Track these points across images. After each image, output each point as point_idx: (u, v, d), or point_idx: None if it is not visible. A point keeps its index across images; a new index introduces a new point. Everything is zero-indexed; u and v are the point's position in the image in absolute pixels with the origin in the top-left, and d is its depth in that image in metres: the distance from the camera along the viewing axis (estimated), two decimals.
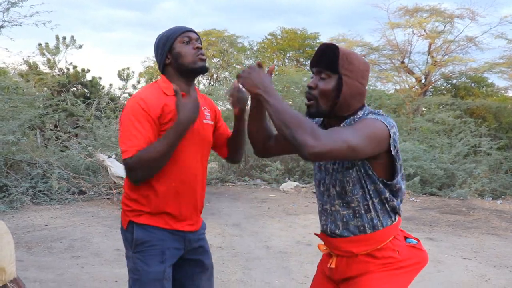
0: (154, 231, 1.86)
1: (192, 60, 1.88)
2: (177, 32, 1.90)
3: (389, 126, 1.58)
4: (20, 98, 9.01)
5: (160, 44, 1.92)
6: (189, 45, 1.90)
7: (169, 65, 1.91)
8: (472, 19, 15.43)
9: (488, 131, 11.66)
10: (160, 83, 1.92)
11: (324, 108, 1.68)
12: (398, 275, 1.68)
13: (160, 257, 1.86)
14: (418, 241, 1.77)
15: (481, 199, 9.18)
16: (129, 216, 1.89)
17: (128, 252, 1.90)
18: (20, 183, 7.36)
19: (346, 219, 1.69)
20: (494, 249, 5.37)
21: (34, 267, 4.28)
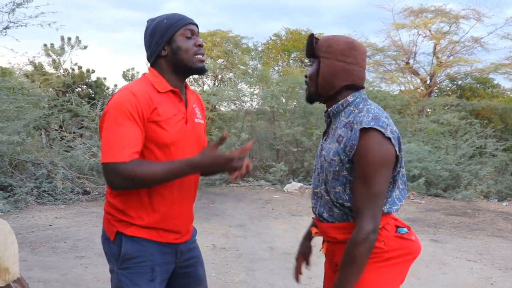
0: (145, 244, 1.68)
1: (192, 59, 1.71)
2: (180, 23, 1.70)
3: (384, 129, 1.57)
4: (25, 98, 9.04)
5: (156, 31, 1.70)
6: (190, 40, 1.72)
7: (163, 57, 1.72)
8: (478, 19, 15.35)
9: (494, 132, 11.59)
10: (151, 77, 1.71)
11: (312, 91, 1.77)
12: (386, 267, 1.65)
13: (150, 275, 1.69)
14: (409, 229, 1.72)
15: (486, 201, 9.13)
16: (116, 226, 1.69)
17: (112, 266, 1.72)
18: (25, 183, 7.38)
19: (330, 205, 1.72)
20: (500, 252, 5.34)
21: (38, 267, 4.29)
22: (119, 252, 1.67)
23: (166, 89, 1.70)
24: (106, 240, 1.75)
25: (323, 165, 1.73)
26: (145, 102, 1.61)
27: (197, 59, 1.72)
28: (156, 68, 1.74)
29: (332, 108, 1.74)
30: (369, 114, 1.61)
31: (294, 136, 10.95)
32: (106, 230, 1.74)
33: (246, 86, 12.95)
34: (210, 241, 5.38)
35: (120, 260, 1.67)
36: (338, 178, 1.65)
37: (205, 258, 4.87)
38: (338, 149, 1.63)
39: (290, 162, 11.30)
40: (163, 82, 1.71)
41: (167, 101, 1.69)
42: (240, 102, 12.50)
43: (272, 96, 11.59)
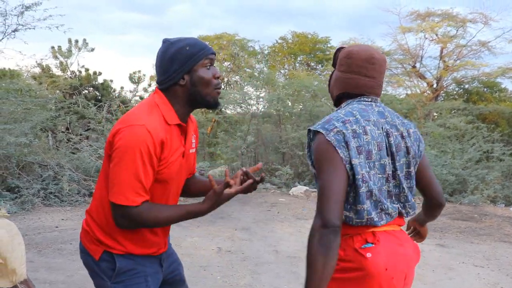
0: (135, 257, 1.68)
1: (210, 92, 1.65)
2: (203, 53, 1.62)
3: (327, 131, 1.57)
4: (32, 100, 9.09)
5: (178, 58, 1.61)
6: (210, 71, 1.64)
7: (180, 86, 1.63)
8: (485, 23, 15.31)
9: (501, 136, 11.53)
10: (161, 106, 1.63)
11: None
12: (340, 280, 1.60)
13: (145, 285, 1.69)
14: (374, 243, 1.59)
15: (493, 206, 9.07)
16: (101, 246, 1.67)
17: (102, 282, 1.68)
18: (32, 184, 7.42)
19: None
20: (507, 257, 5.30)
21: (44, 268, 4.30)
22: (112, 267, 1.66)
23: (174, 123, 1.64)
24: (88, 257, 1.72)
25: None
26: (159, 141, 1.56)
27: (215, 93, 1.67)
28: (168, 95, 1.65)
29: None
30: (326, 117, 1.64)
31: (300, 140, 10.95)
32: (88, 248, 1.71)
33: (252, 89, 12.98)
34: (216, 244, 5.38)
35: (115, 275, 1.66)
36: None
37: (210, 261, 4.89)
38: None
39: (296, 165, 11.30)
40: (172, 113, 1.64)
41: (172, 136, 1.64)
42: (246, 105, 12.52)
43: (278, 99, 11.60)
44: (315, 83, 12.50)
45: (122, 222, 1.58)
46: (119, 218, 1.57)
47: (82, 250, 1.76)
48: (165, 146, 1.59)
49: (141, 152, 1.51)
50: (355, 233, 1.62)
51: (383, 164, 1.63)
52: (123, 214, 1.55)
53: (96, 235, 1.67)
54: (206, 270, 4.39)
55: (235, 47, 18.45)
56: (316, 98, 12.18)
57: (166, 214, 1.60)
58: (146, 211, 1.56)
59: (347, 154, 1.55)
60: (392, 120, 1.70)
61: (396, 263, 1.59)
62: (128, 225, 1.60)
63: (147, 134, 1.52)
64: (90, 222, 1.71)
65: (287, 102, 12.09)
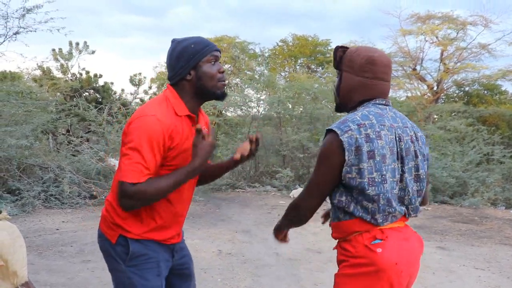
0: (148, 243, 1.79)
1: (216, 85, 1.78)
2: (207, 50, 1.76)
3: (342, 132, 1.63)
4: (33, 102, 9.12)
5: (184, 55, 1.75)
6: (214, 66, 1.78)
7: (187, 81, 1.77)
8: (485, 26, 15.31)
9: (501, 139, 11.54)
10: (172, 99, 1.77)
11: (337, 102, 1.87)
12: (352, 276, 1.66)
13: (157, 270, 1.80)
14: (383, 240, 1.65)
15: (494, 208, 9.07)
16: (117, 231, 1.79)
17: (117, 265, 1.80)
18: (32, 187, 7.43)
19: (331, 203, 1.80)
20: (508, 260, 5.29)
21: (45, 270, 4.31)
22: (126, 251, 1.76)
23: (184, 113, 1.77)
24: (106, 241, 1.83)
25: None
26: (168, 130, 1.69)
27: (220, 85, 1.80)
28: (178, 89, 1.80)
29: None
30: (342, 118, 1.71)
31: (301, 142, 10.96)
32: (106, 233, 1.83)
33: (253, 92, 12.99)
34: (216, 246, 5.38)
35: (128, 258, 1.76)
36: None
37: (211, 264, 4.90)
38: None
39: (296, 168, 11.30)
40: (182, 105, 1.78)
41: (182, 125, 1.76)
42: (247, 108, 12.53)
43: (278, 102, 11.61)
44: (315, 86, 12.52)
45: (126, 202, 1.64)
46: (122, 198, 1.64)
47: (99, 235, 1.87)
48: (175, 135, 1.71)
49: (150, 138, 1.64)
50: (364, 230, 1.68)
51: (394, 168, 1.68)
52: (126, 192, 1.62)
53: (114, 220, 1.79)
54: (206, 272, 4.39)
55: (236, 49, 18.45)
56: (317, 100, 12.18)
57: (164, 182, 1.67)
58: (145, 186, 1.64)
59: (353, 158, 1.62)
60: (404, 125, 1.77)
61: (404, 257, 1.66)
62: (133, 204, 1.66)
63: (157, 122, 1.66)
64: (108, 208, 1.83)
65: (287, 104, 12.09)
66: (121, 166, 1.66)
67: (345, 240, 1.73)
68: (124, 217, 1.77)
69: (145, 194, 1.63)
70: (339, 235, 1.77)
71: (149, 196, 1.65)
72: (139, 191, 1.62)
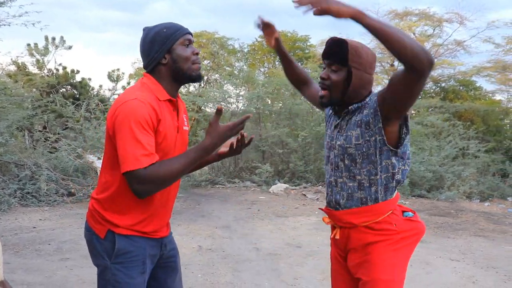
0: (136, 239, 1.78)
1: (190, 67, 1.79)
2: (179, 33, 1.77)
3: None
4: (8, 98, 8.94)
5: (157, 40, 1.76)
6: (188, 49, 1.79)
7: (163, 65, 1.78)
8: (461, 23, 15.57)
9: (476, 134, 11.77)
10: (150, 85, 1.77)
11: (336, 98, 1.88)
12: (401, 248, 1.84)
13: (142, 268, 1.79)
14: (414, 213, 1.91)
15: (469, 201, 9.27)
16: (105, 225, 1.78)
17: (102, 261, 1.78)
18: (8, 184, 7.29)
19: (351, 191, 1.87)
20: (482, 251, 5.43)
21: (22, 269, 4.24)
22: (113, 247, 1.75)
23: (165, 98, 1.78)
24: (94, 236, 1.81)
25: (344, 153, 1.87)
26: (153, 111, 1.68)
27: (195, 67, 1.81)
28: (155, 75, 1.80)
29: (353, 106, 1.87)
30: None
31: (280, 138, 11.00)
32: (94, 227, 1.81)
33: (232, 88, 12.97)
34: (196, 242, 5.38)
35: (114, 255, 1.76)
36: (368, 157, 1.81)
37: (191, 259, 4.89)
38: (361, 132, 1.81)
39: (276, 163, 11.34)
40: (162, 90, 1.78)
41: (165, 110, 1.76)
42: (226, 104, 12.50)
43: (257, 98, 11.62)
44: None
45: (141, 189, 1.63)
46: (137, 185, 1.62)
47: (87, 229, 1.86)
48: (160, 118, 1.71)
49: (137, 120, 1.62)
50: (393, 208, 1.87)
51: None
52: (138, 179, 1.61)
53: (102, 214, 1.78)
54: (187, 268, 4.38)
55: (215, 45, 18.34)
56: (296, 96, 12.21)
57: (176, 162, 1.68)
58: (157, 168, 1.63)
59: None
60: None
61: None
62: (148, 189, 1.65)
63: (140, 103, 1.65)
64: (95, 204, 1.83)
65: (266, 100, 12.12)
66: (122, 157, 1.63)
67: (375, 222, 1.84)
68: (112, 211, 1.77)
69: (158, 176, 1.63)
70: (368, 219, 1.85)
71: (162, 177, 1.64)
72: (151, 174, 1.61)
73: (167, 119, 1.76)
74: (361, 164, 1.83)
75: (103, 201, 1.79)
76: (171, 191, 1.88)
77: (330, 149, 1.96)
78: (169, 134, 1.76)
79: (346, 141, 1.85)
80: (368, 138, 1.80)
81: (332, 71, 1.85)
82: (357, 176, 1.85)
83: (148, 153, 1.62)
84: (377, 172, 1.82)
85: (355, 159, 1.84)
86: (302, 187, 10.15)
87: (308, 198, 9.09)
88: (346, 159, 1.86)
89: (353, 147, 1.83)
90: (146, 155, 1.62)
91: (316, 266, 4.59)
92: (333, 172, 1.94)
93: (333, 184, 1.94)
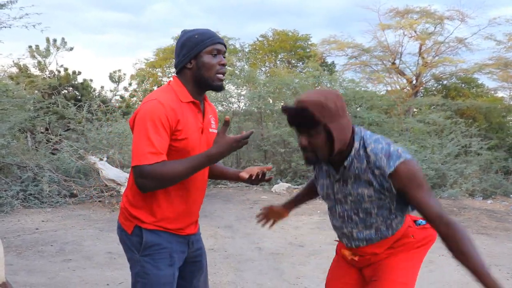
0: (162, 234, 1.85)
1: (212, 77, 1.84)
2: (209, 41, 1.83)
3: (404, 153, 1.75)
4: (10, 100, 8.95)
5: (186, 45, 1.83)
6: (215, 58, 1.84)
7: (188, 69, 1.85)
8: (462, 20, 15.55)
9: (478, 131, 11.73)
10: (175, 87, 1.85)
11: (324, 157, 1.76)
12: (415, 253, 1.95)
13: (169, 260, 1.85)
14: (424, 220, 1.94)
15: (471, 199, 9.25)
16: (133, 222, 1.86)
17: (132, 255, 1.87)
18: (10, 186, 7.30)
19: (369, 237, 1.89)
20: (484, 248, 5.41)
21: (25, 271, 4.25)
22: (141, 241, 1.83)
23: (188, 100, 1.84)
24: (123, 232, 1.90)
25: (358, 208, 1.84)
26: (172, 112, 1.74)
27: (217, 78, 1.86)
28: (181, 77, 1.88)
29: (347, 162, 1.77)
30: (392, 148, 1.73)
31: (282, 137, 10.98)
32: (123, 224, 1.90)
33: (233, 87, 12.95)
34: None
35: (142, 248, 1.83)
36: (384, 206, 1.81)
37: None
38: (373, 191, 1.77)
39: (278, 162, 11.33)
40: (185, 92, 1.85)
41: (187, 111, 1.82)
42: (228, 103, 12.50)
43: (259, 97, 11.62)
44: (296, 81, 12.54)
45: (142, 183, 1.70)
46: (139, 179, 1.69)
47: (118, 227, 1.95)
48: (179, 117, 1.77)
49: (152, 119, 1.70)
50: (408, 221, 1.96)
51: None
52: (142, 174, 1.68)
53: (130, 211, 1.86)
54: None
55: None
56: (297, 95, 12.19)
57: (181, 164, 1.73)
58: (161, 167, 1.69)
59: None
60: None
61: None
62: (150, 185, 1.71)
63: (158, 104, 1.73)
64: (124, 201, 1.92)
65: (268, 99, 12.11)
66: (133, 152, 1.72)
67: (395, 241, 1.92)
68: (138, 207, 1.84)
69: (161, 174, 1.68)
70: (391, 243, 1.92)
71: (165, 176, 1.69)
72: (154, 171, 1.67)
73: (189, 120, 1.82)
74: (376, 213, 1.84)
75: (132, 198, 1.87)
76: (199, 190, 1.95)
77: (338, 202, 1.90)
78: (192, 134, 1.82)
79: (359, 198, 1.82)
80: (382, 195, 1.78)
81: (309, 136, 1.72)
82: (374, 224, 1.87)
83: (156, 152, 1.69)
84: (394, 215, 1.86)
85: (370, 212, 1.84)
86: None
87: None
88: (361, 212, 1.85)
89: (368, 202, 1.82)
90: (153, 153, 1.68)
91: (319, 265, 4.59)
92: (345, 224, 1.92)
93: (348, 235, 1.94)
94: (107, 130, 9.28)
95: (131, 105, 14.04)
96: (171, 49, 20.89)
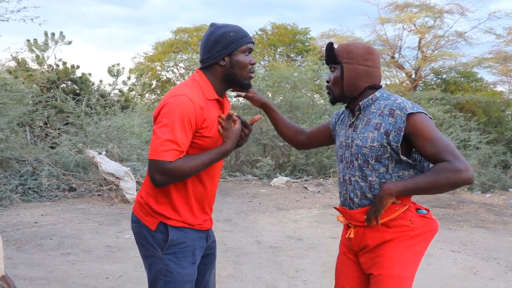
0: (187, 231, 1.85)
1: (245, 75, 1.86)
2: (245, 40, 1.83)
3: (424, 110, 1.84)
4: (8, 94, 8.93)
5: (222, 41, 1.81)
6: (247, 57, 1.85)
7: (220, 66, 1.83)
8: (462, 14, 15.51)
9: (478, 125, 11.73)
10: (201, 83, 1.83)
11: (337, 93, 1.99)
12: (414, 245, 1.88)
13: (192, 258, 1.86)
14: (428, 211, 1.94)
15: (470, 193, 9.27)
16: (157, 218, 1.83)
17: (154, 252, 1.83)
18: (9, 180, 7.30)
19: (363, 190, 1.92)
20: (483, 242, 5.43)
21: (24, 264, 4.26)
22: (165, 239, 1.82)
23: (213, 97, 1.84)
24: (144, 228, 1.86)
25: (358, 152, 1.91)
26: (200, 111, 1.75)
27: (248, 76, 1.88)
28: (207, 73, 1.86)
29: (363, 102, 1.93)
30: (406, 102, 1.85)
31: None
32: (143, 220, 1.86)
33: None
34: None
35: (167, 246, 1.82)
36: (381, 161, 1.86)
37: None
38: (378, 135, 1.84)
39: (277, 156, 11.34)
40: (211, 89, 1.84)
41: (212, 109, 1.83)
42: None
43: (258, 91, 11.56)
44: (295, 74, 12.53)
45: (161, 179, 1.70)
46: (157, 174, 1.68)
47: (135, 221, 1.91)
48: (206, 116, 1.78)
49: (181, 116, 1.69)
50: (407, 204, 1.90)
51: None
52: (162, 170, 1.68)
53: (151, 206, 1.84)
54: None
55: None
56: (296, 89, 12.21)
57: (199, 160, 1.75)
58: (182, 163, 1.70)
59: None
60: None
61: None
62: (167, 181, 1.71)
63: (189, 101, 1.72)
64: (144, 196, 1.88)
65: (267, 93, 12.09)
66: (155, 145, 1.69)
67: (390, 220, 1.88)
68: (161, 203, 1.82)
69: (182, 171, 1.70)
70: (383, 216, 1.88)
71: (186, 172, 1.71)
72: (176, 168, 1.68)
73: (213, 118, 1.82)
74: (373, 166, 1.87)
75: (153, 192, 1.84)
76: (215, 185, 1.97)
77: (346, 148, 1.99)
78: (216, 133, 1.83)
79: (362, 141, 1.90)
80: (385, 144, 1.84)
81: (331, 72, 1.99)
82: (368, 178, 1.89)
83: (179, 149, 1.69)
84: (390, 174, 1.87)
85: (367, 160, 1.88)
86: (303, 180, 10.16)
87: (309, 191, 9.10)
88: (360, 158, 1.91)
89: (368, 148, 1.87)
90: (176, 150, 1.68)
91: (317, 259, 4.60)
92: (347, 170, 1.97)
93: (347, 182, 1.97)
94: (106, 124, 9.28)
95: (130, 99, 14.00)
96: (169, 43, 20.83)
